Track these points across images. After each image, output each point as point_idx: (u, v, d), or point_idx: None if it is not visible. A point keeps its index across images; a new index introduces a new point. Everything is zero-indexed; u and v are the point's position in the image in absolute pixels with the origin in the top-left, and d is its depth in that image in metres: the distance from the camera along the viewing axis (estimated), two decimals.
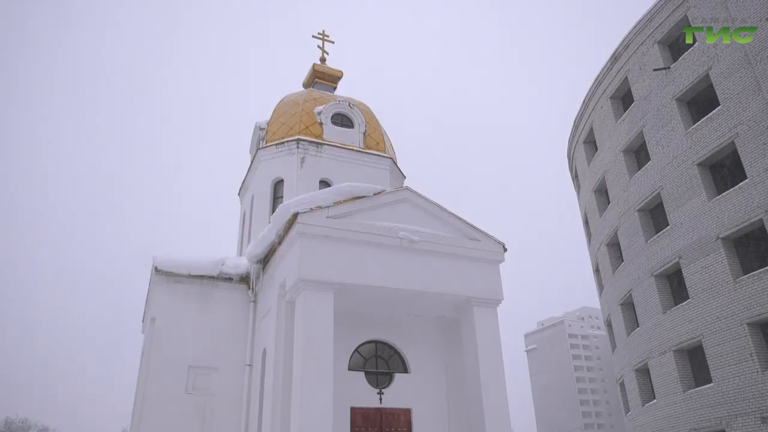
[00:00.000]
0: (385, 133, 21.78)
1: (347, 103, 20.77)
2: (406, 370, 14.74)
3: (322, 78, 24.44)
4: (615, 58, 29.17)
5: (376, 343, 14.81)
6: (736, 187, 21.30)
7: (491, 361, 13.20)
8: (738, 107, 21.48)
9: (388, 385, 14.36)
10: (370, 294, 13.24)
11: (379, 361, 14.66)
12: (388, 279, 12.89)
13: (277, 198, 19.24)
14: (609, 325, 32.75)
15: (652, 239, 25.77)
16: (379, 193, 14.00)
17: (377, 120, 21.87)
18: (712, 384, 21.50)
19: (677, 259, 23.75)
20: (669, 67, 25.09)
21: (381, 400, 13.98)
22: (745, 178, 21.01)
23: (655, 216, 26.42)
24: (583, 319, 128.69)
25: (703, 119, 23.06)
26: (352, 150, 19.77)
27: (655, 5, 26.03)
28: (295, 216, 12.76)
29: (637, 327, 27.46)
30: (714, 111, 22.56)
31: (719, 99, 22.49)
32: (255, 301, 16.03)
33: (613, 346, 32.28)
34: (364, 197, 13.70)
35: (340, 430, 12.66)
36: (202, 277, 15.93)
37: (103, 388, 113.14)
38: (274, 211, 16.12)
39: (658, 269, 25.13)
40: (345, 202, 13.39)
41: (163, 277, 15.67)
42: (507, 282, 14.16)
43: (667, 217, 24.72)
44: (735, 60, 21.74)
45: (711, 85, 23.00)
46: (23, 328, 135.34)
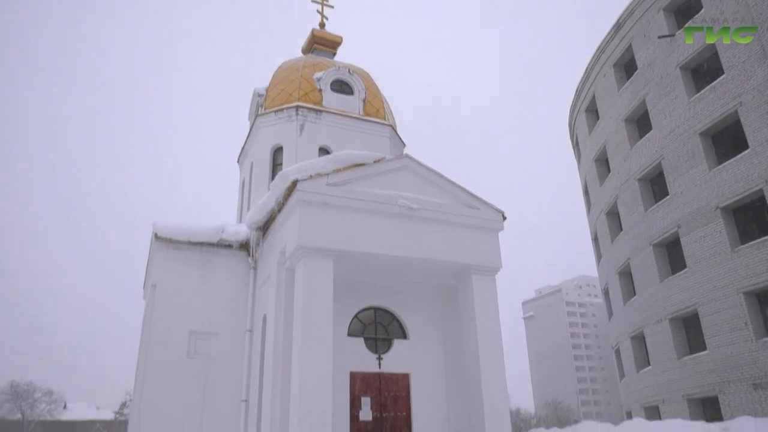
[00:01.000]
0: (385, 101, 21.56)
1: (347, 70, 20.50)
2: (405, 336, 14.92)
3: (322, 44, 24.05)
4: (619, 25, 28.72)
5: (376, 309, 14.95)
6: (738, 156, 21.24)
7: (489, 328, 13.35)
8: (743, 76, 21.24)
9: (387, 350, 14.56)
10: (370, 261, 13.31)
11: (378, 328, 14.83)
12: (388, 246, 12.94)
13: (276, 165, 19.16)
14: (606, 293, 33.08)
15: (652, 209, 25.81)
16: (378, 160, 13.94)
17: (377, 87, 21.62)
18: (706, 351, 21.83)
19: (676, 229, 23.84)
20: (674, 35, 24.71)
21: (380, 365, 14.20)
22: (747, 147, 20.92)
23: (655, 185, 26.42)
24: (580, 287, 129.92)
25: (706, 88, 22.83)
26: (351, 117, 19.61)
27: None
28: (294, 183, 12.73)
29: (634, 295, 27.75)
30: (718, 80, 22.31)
31: (724, 67, 22.22)
32: (255, 268, 16.12)
33: (610, 314, 32.66)
34: (363, 165, 13.65)
35: (339, 393, 12.88)
36: (201, 243, 15.99)
37: (107, 353, 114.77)
38: (273, 179, 16.10)
39: (657, 238, 25.24)
40: (344, 169, 13.34)
41: (163, 244, 15.73)
42: (506, 250, 14.23)
43: (667, 186, 24.71)
44: None
45: (716, 53, 22.70)
46: (27, 295, 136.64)
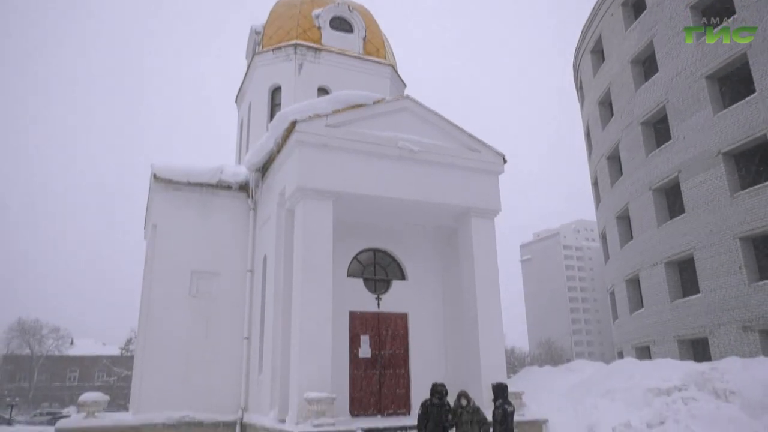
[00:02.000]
0: (386, 39, 21.01)
1: (346, 6, 19.88)
2: (403, 278, 15.14)
3: None
4: None
5: (375, 251, 15.11)
6: (744, 101, 20.92)
7: (487, 269, 13.54)
8: (755, 17, 20.64)
9: (386, 291, 14.81)
10: (369, 203, 13.34)
11: (377, 269, 15.03)
12: (387, 189, 12.93)
13: (274, 105, 18.89)
14: (603, 237, 33.36)
15: (653, 153, 25.65)
16: (378, 101, 13.73)
17: (377, 25, 21.02)
18: (699, 295, 22.23)
19: (676, 174, 23.78)
20: None
21: (379, 305, 14.48)
22: (754, 92, 20.58)
23: (658, 129, 26.15)
24: (578, 231, 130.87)
25: (717, 29, 22.20)
26: (351, 56, 19.18)
27: None
28: (293, 124, 12.58)
29: (631, 239, 27.99)
30: (729, 20, 21.68)
31: (735, 7, 21.56)
32: (255, 209, 16.17)
33: (606, 258, 33.05)
34: (363, 105, 13.46)
35: (339, 332, 13.20)
36: (201, 184, 15.97)
37: (111, 292, 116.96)
38: (272, 119, 15.89)
39: (657, 183, 25.22)
40: (344, 110, 13.16)
41: (162, 185, 15.71)
42: (505, 194, 14.24)
43: (671, 130, 24.46)
44: None
45: None
46: (33, 234, 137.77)
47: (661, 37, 25.26)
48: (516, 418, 10.63)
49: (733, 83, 22.26)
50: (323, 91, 18.28)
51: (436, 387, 9.29)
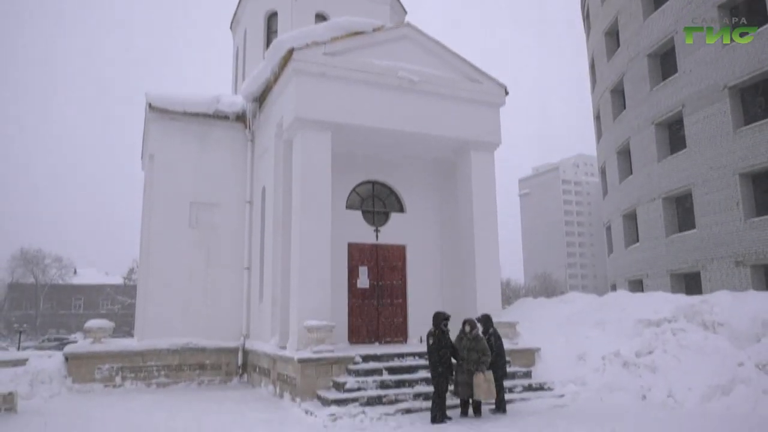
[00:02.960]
0: None
1: None
2: (402, 210, 15.20)
3: None
4: None
5: (374, 183, 15.08)
6: (756, 32, 20.27)
7: (485, 202, 13.57)
8: None
9: (384, 223, 14.90)
10: (368, 135, 13.19)
11: (375, 201, 15.06)
12: (386, 120, 12.74)
13: (271, 32, 18.32)
14: (603, 172, 33.27)
15: (658, 86, 25.16)
16: (378, 29, 13.28)
17: None
18: (695, 230, 22.44)
19: (680, 108, 23.42)
20: None
21: (377, 237, 14.61)
22: (765, 23, 19.94)
23: (665, 62, 25.51)
24: (577, 166, 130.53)
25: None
26: None
27: None
28: (290, 52, 12.23)
29: (631, 174, 27.94)
30: None
31: None
32: (252, 140, 16.01)
33: (605, 193, 33.12)
34: (362, 33, 13.03)
35: (338, 263, 13.39)
36: (197, 114, 15.75)
37: (113, 222, 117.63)
38: (268, 47, 15.44)
39: (660, 117, 24.89)
40: (343, 38, 12.76)
41: (158, 114, 15.48)
42: (505, 128, 14.05)
43: (677, 63, 23.88)
44: None
45: None
46: (28, 165, 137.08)
47: None
48: (509, 346, 11.00)
49: (744, 13, 21.50)
50: (321, 17, 17.68)
51: (444, 314, 9.42)
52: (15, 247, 68.15)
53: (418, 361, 11.03)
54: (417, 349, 11.54)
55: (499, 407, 9.54)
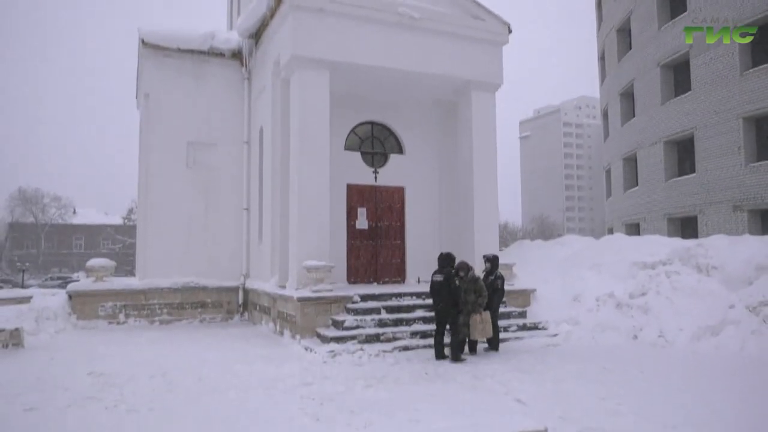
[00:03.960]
0: None
1: None
2: (401, 151, 15.08)
3: None
4: None
5: (373, 124, 14.89)
6: None
7: (484, 144, 13.43)
8: None
9: (384, 164, 14.82)
10: (367, 74, 12.89)
11: (375, 142, 14.92)
12: (386, 58, 12.43)
13: None
14: (605, 114, 32.85)
15: (666, 26, 24.48)
16: None
17: None
18: (694, 174, 22.39)
19: (687, 50, 22.88)
20: None
21: (376, 178, 14.55)
22: None
23: (674, 1, 24.71)
24: (579, 108, 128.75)
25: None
26: None
27: None
28: None
29: (633, 117, 27.61)
30: None
31: None
32: (249, 79, 15.68)
33: (606, 136, 32.81)
34: None
35: (337, 204, 13.41)
36: (192, 51, 15.35)
37: (111, 162, 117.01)
38: None
39: (666, 59, 24.35)
40: None
41: (151, 51, 15.09)
42: (508, 68, 13.72)
43: (686, 2, 23.13)
44: None
45: None
46: (31, 101, 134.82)
47: None
48: (506, 287, 11.14)
49: None
50: None
51: (450, 255, 9.42)
52: (13, 186, 68.02)
53: (415, 301, 11.23)
54: (415, 289, 11.73)
55: (492, 345, 9.79)
